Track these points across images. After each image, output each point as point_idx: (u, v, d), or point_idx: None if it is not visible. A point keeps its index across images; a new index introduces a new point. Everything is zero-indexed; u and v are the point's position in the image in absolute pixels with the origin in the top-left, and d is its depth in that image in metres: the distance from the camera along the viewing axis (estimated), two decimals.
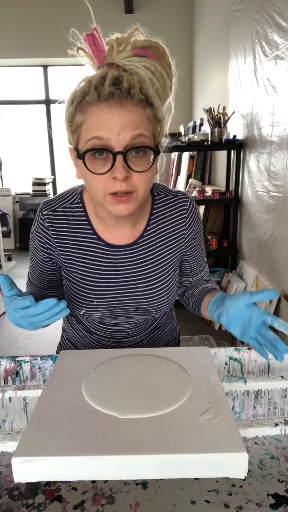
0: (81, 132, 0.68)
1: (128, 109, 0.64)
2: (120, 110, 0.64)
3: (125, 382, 0.65)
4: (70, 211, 0.81)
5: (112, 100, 0.64)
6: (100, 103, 0.64)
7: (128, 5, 4.62)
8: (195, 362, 0.71)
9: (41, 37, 4.84)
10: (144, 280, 0.84)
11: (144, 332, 0.94)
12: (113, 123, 0.64)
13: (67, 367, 0.71)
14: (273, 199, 2.35)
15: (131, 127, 0.65)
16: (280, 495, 0.59)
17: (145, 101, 0.66)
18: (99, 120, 0.64)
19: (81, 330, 0.96)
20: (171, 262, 0.86)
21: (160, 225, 0.83)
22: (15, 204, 5.87)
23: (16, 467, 0.49)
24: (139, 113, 0.66)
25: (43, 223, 0.81)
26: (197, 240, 0.88)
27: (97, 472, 0.49)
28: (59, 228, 0.81)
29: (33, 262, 0.87)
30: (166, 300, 0.86)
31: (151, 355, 0.74)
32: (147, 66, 0.66)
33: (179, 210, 0.84)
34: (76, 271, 0.83)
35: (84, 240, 0.82)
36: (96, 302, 0.83)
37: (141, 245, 0.83)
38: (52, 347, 2.80)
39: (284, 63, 2.12)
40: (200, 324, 3.05)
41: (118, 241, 0.82)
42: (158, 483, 0.61)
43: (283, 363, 0.83)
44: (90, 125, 0.66)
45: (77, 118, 0.68)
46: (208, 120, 3.13)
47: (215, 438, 0.51)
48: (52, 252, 0.83)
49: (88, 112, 0.66)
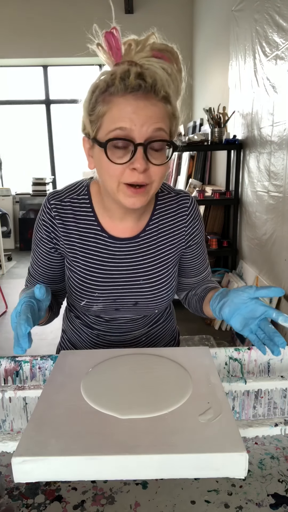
0: (102, 122, 0.69)
1: (152, 103, 0.67)
2: (145, 103, 0.66)
3: (125, 382, 0.65)
4: (76, 202, 0.83)
5: (138, 92, 0.66)
6: (125, 94, 0.66)
7: (128, 5, 4.62)
8: (195, 362, 0.71)
9: (41, 37, 4.83)
10: (144, 274, 0.85)
11: (144, 328, 0.95)
12: (138, 115, 0.66)
13: (67, 367, 0.71)
14: (273, 199, 2.36)
15: (154, 120, 0.67)
16: (280, 495, 0.59)
17: (166, 98, 0.69)
18: (124, 111, 0.66)
19: (80, 326, 0.97)
20: (171, 257, 0.87)
21: (162, 221, 0.86)
22: (15, 204, 5.87)
23: (16, 467, 0.49)
24: (161, 108, 0.68)
25: (50, 212, 0.83)
26: (197, 239, 0.89)
27: (97, 472, 0.49)
28: (65, 218, 0.83)
29: (37, 255, 0.88)
30: (165, 295, 0.87)
31: (151, 354, 0.74)
32: (164, 67, 0.68)
33: (180, 208, 0.86)
34: (79, 262, 0.85)
35: (88, 231, 0.83)
36: (97, 293, 0.85)
37: (143, 239, 0.85)
38: (52, 347, 2.80)
39: (284, 63, 2.12)
40: (200, 324, 3.05)
41: (121, 234, 0.84)
42: (158, 483, 0.61)
43: (283, 363, 0.83)
44: (114, 115, 0.67)
45: (99, 108, 0.69)
46: (208, 120, 3.13)
47: (215, 438, 0.51)
48: (58, 242, 0.84)
49: (113, 103, 0.67)
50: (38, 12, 4.81)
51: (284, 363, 0.83)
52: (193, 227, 0.88)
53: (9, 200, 5.80)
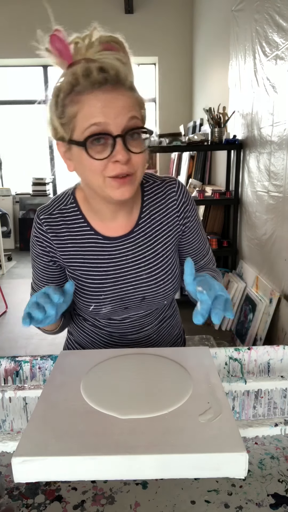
0: (76, 122, 0.69)
1: (121, 93, 0.67)
2: (114, 95, 0.67)
3: (125, 382, 0.65)
4: (66, 212, 0.83)
5: (105, 86, 0.66)
6: (93, 90, 0.66)
7: (128, 5, 4.62)
8: (195, 362, 0.71)
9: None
10: (146, 267, 0.85)
11: (154, 323, 0.95)
12: (110, 108, 0.66)
13: (67, 367, 0.71)
14: (273, 199, 2.35)
15: (126, 109, 0.68)
16: (280, 495, 0.59)
17: (131, 87, 0.70)
18: (96, 106, 0.67)
19: (90, 328, 0.96)
20: (169, 246, 0.87)
21: (152, 211, 0.85)
22: (15, 204, 5.87)
23: (16, 467, 0.49)
24: (130, 97, 0.69)
25: (41, 227, 0.83)
26: (192, 222, 0.88)
27: (97, 472, 0.49)
28: (57, 230, 0.83)
29: (36, 270, 0.88)
30: (171, 285, 0.87)
31: (151, 354, 0.74)
32: (118, 58, 0.68)
33: (168, 194, 0.86)
34: (79, 269, 0.85)
35: (82, 237, 0.83)
36: (103, 296, 0.85)
37: (138, 234, 0.85)
38: (52, 347, 2.80)
39: (284, 63, 2.12)
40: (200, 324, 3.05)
41: (115, 233, 0.84)
42: (158, 483, 0.61)
43: (283, 363, 0.83)
44: (86, 113, 0.67)
45: (68, 110, 0.69)
46: (208, 120, 3.13)
47: (215, 438, 0.51)
48: (54, 255, 0.84)
49: (82, 101, 0.67)
50: (38, 12, 4.80)
51: (284, 363, 0.83)
52: (185, 210, 0.86)
53: (9, 200, 5.79)
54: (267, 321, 2.36)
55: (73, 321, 1.01)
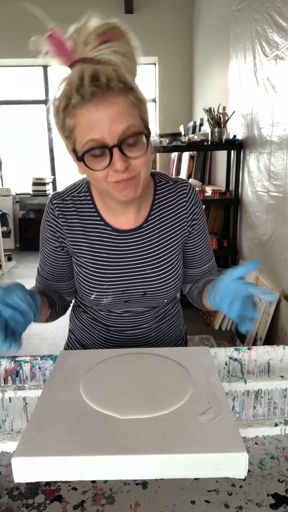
0: (76, 136, 0.70)
1: (112, 101, 0.66)
2: (105, 105, 0.66)
3: (125, 382, 0.65)
4: (78, 200, 0.86)
5: (95, 98, 0.65)
6: (85, 104, 0.66)
7: (128, 5, 4.62)
8: (195, 362, 0.71)
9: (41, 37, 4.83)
10: (150, 263, 0.87)
11: (153, 321, 0.95)
12: (102, 122, 0.66)
13: (67, 367, 0.71)
14: (273, 199, 2.35)
15: (120, 119, 0.67)
16: (280, 495, 0.59)
17: (126, 88, 0.67)
18: (89, 121, 0.67)
19: (90, 322, 0.97)
20: (175, 245, 0.89)
21: (162, 210, 0.87)
22: (15, 204, 5.87)
23: (16, 467, 0.49)
24: (123, 102, 0.67)
25: (53, 212, 0.85)
26: (199, 226, 0.90)
27: (97, 472, 0.49)
28: (68, 216, 0.85)
29: (44, 254, 0.90)
30: (173, 283, 0.88)
31: (151, 354, 0.74)
32: (116, 50, 0.66)
33: (179, 195, 0.88)
34: (86, 257, 0.86)
35: (92, 226, 0.85)
36: (106, 286, 0.86)
37: (146, 229, 0.86)
38: (52, 347, 2.80)
39: (284, 63, 2.12)
40: (200, 324, 3.06)
41: (124, 226, 0.86)
42: (158, 483, 0.61)
43: (283, 363, 0.83)
44: (82, 127, 0.68)
45: (67, 123, 0.69)
46: (208, 120, 3.13)
47: (215, 438, 0.51)
48: (64, 240, 0.86)
49: (77, 116, 0.68)
50: None
51: (284, 363, 0.83)
52: (194, 213, 0.89)
53: (9, 200, 5.79)
54: (267, 321, 2.36)
55: (74, 316, 1.02)
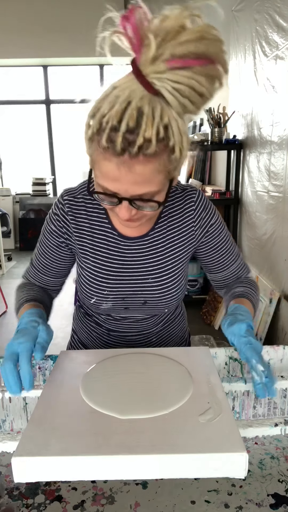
0: (94, 165, 0.64)
1: (137, 171, 0.59)
2: (130, 169, 0.58)
3: (125, 381, 0.65)
4: (89, 199, 0.83)
5: (123, 156, 0.57)
6: (111, 156, 0.58)
7: (128, 5, 4.62)
8: (195, 362, 0.71)
9: (41, 37, 4.83)
10: (153, 273, 0.85)
11: (154, 328, 0.94)
12: (121, 183, 0.61)
13: (67, 367, 0.71)
14: (273, 199, 2.35)
15: (139, 185, 0.61)
16: (280, 495, 0.59)
17: (164, 149, 0.58)
18: (107, 176, 0.61)
19: (91, 325, 0.97)
20: (181, 256, 0.86)
21: (170, 218, 0.85)
22: (15, 204, 5.86)
23: (16, 467, 0.49)
24: (151, 168, 0.59)
25: (63, 208, 0.83)
26: (211, 232, 0.86)
27: (97, 472, 0.49)
28: (77, 214, 0.83)
29: (44, 247, 0.87)
30: (174, 295, 0.87)
31: (151, 354, 0.74)
32: (180, 89, 0.54)
33: (187, 204, 0.85)
34: (89, 259, 0.85)
35: (99, 228, 0.84)
36: (106, 291, 0.85)
37: (152, 237, 0.85)
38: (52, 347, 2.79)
39: (284, 63, 2.12)
40: (200, 324, 3.05)
41: (130, 233, 0.84)
42: (158, 483, 0.61)
43: (283, 363, 0.83)
44: (99, 172, 0.63)
45: (93, 147, 0.62)
46: (208, 120, 3.13)
47: (215, 438, 0.51)
48: (69, 237, 0.85)
49: (98, 158, 0.61)
50: (38, 12, 4.81)
51: (284, 363, 0.83)
52: (203, 221, 0.85)
53: (9, 200, 5.79)
54: (267, 321, 2.36)
55: (77, 317, 1.02)
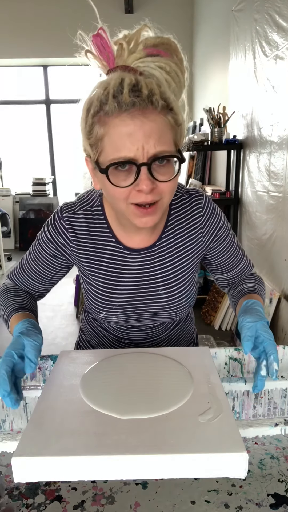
0: (103, 146, 0.64)
1: (150, 118, 0.61)
2: (143, 120, 0.61)
3: (124, 381, 0.65)
4: (90, 214, 0.81)
5: (133, 109, 0.60)
6: (121, 113, 0.61)
7: (128, 5, 4.62)
8: (195, 362, 0.71)
9: (41, 37, 4.84)
10: (163, 283, 0.83)
11: (165, 333, 0.93)
12: (136, 136, 0.61)
13: (67, 367, 0.71)
14: (273, 199, 2.35)
15: (155, 138, 0.62)
16: (280, 495, 0.59)
17: (166, 107, 0.63)
18: (121, 134, 0.62)
19: (99, 330, 0.95)
20: (190, 263, 0.84)
21: (177, 226, 0.82)
22: (15, 204, 5.87)
23: (16, 467, 0.49)
24: (161, 122, 0.63)
25: (63, 224, 0.80)
26: (219, 237, 0.85)
27: (97, 472, 0.49)
28: (79, 231, 0.80)
29: (37, 254, 0.85)
30: (186, 303, 0.85)
31: (151, 354, 0.74)
32: (162, 66, 0.62)
33: (195, 210, 0.82)
34: (96, 275, 0.83)
35: (103, 243, 0.81)
36: (115, 306, 0.83)
37: (159, 248, 0.82)
38: (52, 347, 2.80)
39: (284, 63, 2.12)
40: (200, 324, 3.06)
41: (137, 245, 0.81)
42: (158, 483, 0.61)
43: (283, 363, 0.83)
44: (112, 139, 0.63)
45: (96, 130, 0.64)
46: (208, 120, 3.13)
47: (215, 438, 0.51)
48: (67, 253, 0.82)
49: (109, 125, 0.62)
50: (38, 12, 4.81)
51: (284, 363, 0.83)
52: (211, 226, 0.83)
53: (9, 200, 5.80)
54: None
55: (85, 320, 1.00)
